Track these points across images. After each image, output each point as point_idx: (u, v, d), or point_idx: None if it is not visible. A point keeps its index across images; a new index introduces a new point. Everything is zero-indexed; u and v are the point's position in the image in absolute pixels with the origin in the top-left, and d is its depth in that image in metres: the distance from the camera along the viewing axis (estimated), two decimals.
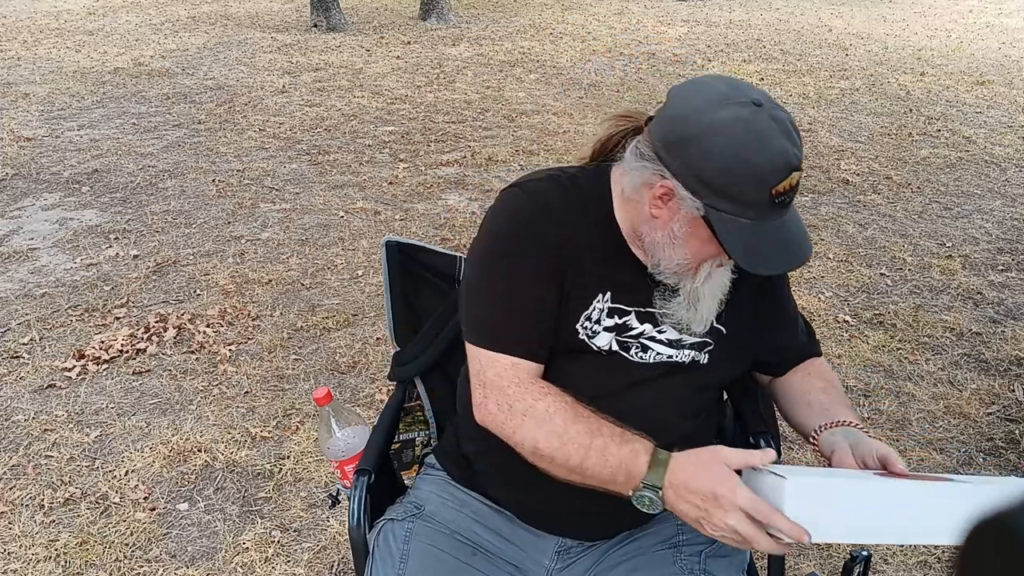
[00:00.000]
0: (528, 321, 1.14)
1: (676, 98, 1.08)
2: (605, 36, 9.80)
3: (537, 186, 1.18)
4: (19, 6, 11.69)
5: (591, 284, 1.16)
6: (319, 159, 5.08)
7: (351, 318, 3.22)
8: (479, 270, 1.18)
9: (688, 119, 1.04)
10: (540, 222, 1.14)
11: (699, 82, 1.09)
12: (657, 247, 1.12)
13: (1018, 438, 2.55)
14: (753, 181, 1.01)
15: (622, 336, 1.17)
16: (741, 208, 1.03)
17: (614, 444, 1.04)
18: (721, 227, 1.04)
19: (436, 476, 1.35)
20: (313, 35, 9.48)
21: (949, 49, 9.45)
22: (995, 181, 4.93)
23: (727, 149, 1.00)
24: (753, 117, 1.01)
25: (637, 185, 1.11)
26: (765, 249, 1.05)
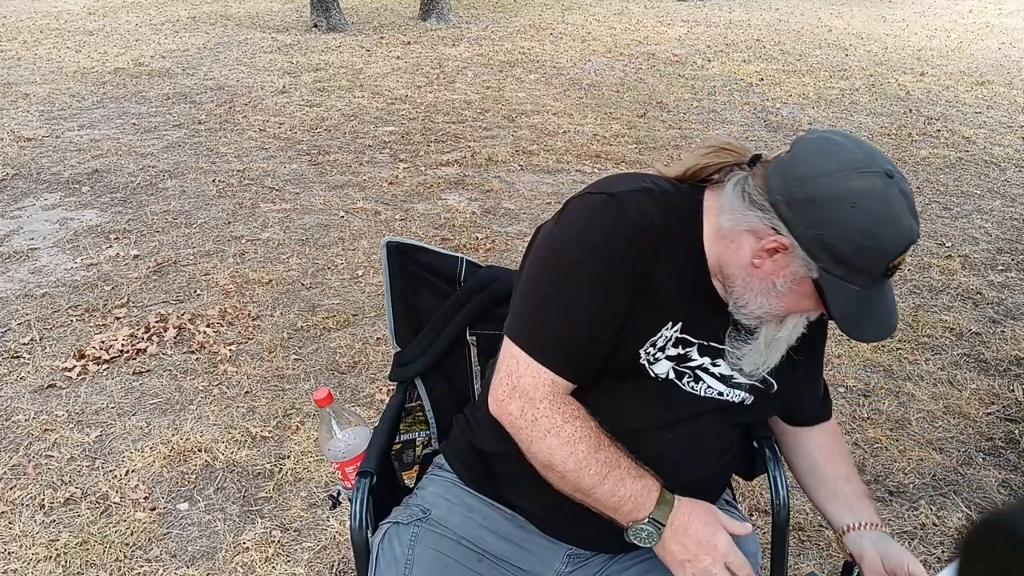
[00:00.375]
0: (585, 347, 1.11)
1: (805, 154, 1.05)
2: (605, 36, 9.81)
3: (633, 200, 1.11)
4: (19, 6, 11.69)
5: (664, 312, 1.13)
6: (319, 159, 5.08)
7: (351, 318, 3.22)
8: (549, 275, 1.13)
9: (820, 181, 1.01)
10: (632, 245, 1.09)
11: (830, 141, 1.06)
12: (749, 292, 1.10)
13: (1018, 438, 2.56)
14: (878, 256, 1.01)
15: (680, 366, 1.16)
16: (854, 275, 1.03)
17: (629, 478, 1.08)
18: (831, 291, 1.04)
19: (444, 478, 1.33)
20: (313, 35, 9.48)
21: (949, 49, 9.45)
22: (995, 181, 4.93)
23: (860, 222, 0.99)
24: (887, 191, 1.01)
25: (740, 229, 1.08)
26: (865, 315, 1.06)
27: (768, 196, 1.05)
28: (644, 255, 1.09)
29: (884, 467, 2.42)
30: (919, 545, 2.13)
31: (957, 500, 2.29)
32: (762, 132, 5.87)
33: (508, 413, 1.12)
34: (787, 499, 1.30)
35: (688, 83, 7.40)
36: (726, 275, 1.12)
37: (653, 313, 1.13)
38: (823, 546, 2.11)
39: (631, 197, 1.11)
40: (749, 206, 1.07)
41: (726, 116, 6.29)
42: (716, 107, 6.56)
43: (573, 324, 1.10)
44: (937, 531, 2.18)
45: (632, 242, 1.09)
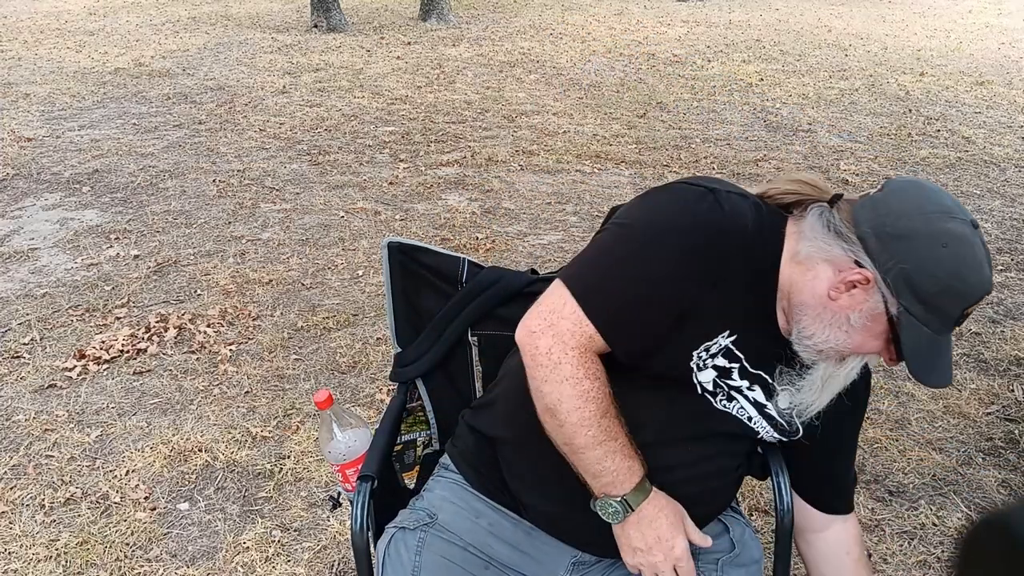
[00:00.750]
0: (636, 323, 1.09)
1: (900, 193, 1.07)
2: (605, 37, 9.81)
3: (732, 202, 1.09)
4: (20, 6, 11.69)
5: (726, 319, 1.12)
6: (319, 159, 5.09)
7: (351, 318, 3.22)
8: (631, 240, 1.10)
9: (915, 218, 1.03)
10: (719, 243, 1.07)
11: (923, 185, 1.08)
12: (818, 324, 1.09)
13: (1017, 438, 2.56)
14: (959, 300, 1.03)
15: (721, 380, 1.15)
16: (930, 317, 1.03)
17: (620, 454, 1.09)
18: (906, 330, 1.04)
19: (451, 479, 1.33)
20: (313, 35, 9.48)
21: (948, 49, 9.46)
22: (994, 181, 4.93)
23: (950, 263, 1.01)
24: (974, 239, 1.03)
25: (818, 258, 1.08)
26: (931, 362, 1.06)
27: (856, 229, 1.06)
28: (727, 257, 1.08)
29: (884, 467, 2.42)
30: (919, 545, 2.13)
31: (957, 500, 2.29)
32: (762, 132, 5.88)
33: (534, 345, 1.09)
34: (791, 504, 1.30)
35: (688, 83, 7.40)
36: (794, 303, 1.11)
37: (716, 316, 1.11)
38: None
39: (729, 198, 1.10)
40: (833, 236, 1.07)
41: (726, 116, 6.29)
42: (716, 107, 6.56)
43: (635, 293, 1.08)
44: (937, 531, 2.18)
45: (720, 240, 1.07)
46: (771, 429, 1.19)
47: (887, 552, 2.11)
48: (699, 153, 5.35)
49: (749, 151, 5.41)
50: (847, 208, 1.09)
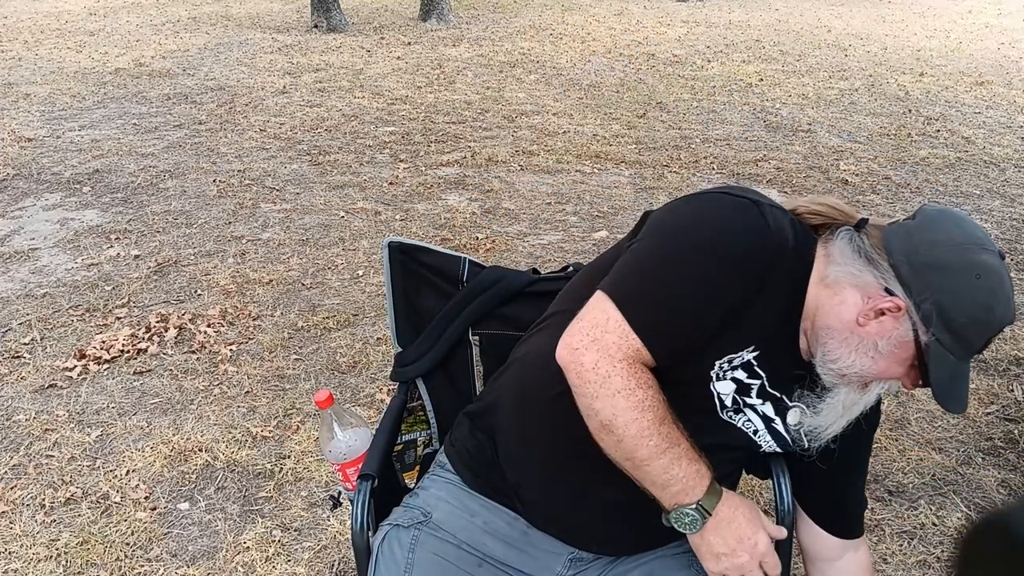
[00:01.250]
0: (682, 333, 1.08)
1: (933, 222, 1.07)
2: (605, 37, 9.81)
3: (775, 216, 1.08)
4: (20, 6, 11.70)
5: (753, 334, 1.11)
6: (320, 159, 5.09)
7: (352, 318, 3.23)
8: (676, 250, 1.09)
9: (949, 249, 1.04)
10: (764, 257, 1.06)
11: (957, 216, 1.09)
12: (844, 348, 1.08)
13: (1017, 438, 2.56)
14: (985, 330, 1.04)
15: (739, 396, 1.15)
16: (955, 345, 1.04)
17: (686, 459, 1.06)
18: (935, 360, 1.05)
19: (446, 479, 1.32)
20: (314, 36, 9.49)
21: (948, 50, 9.46)
22: (994, 181, 4.93)
23: (983, 295, 1.02)
24: (1004, 272, 1.04)
25: (847, 283, 1.07)
26: (952, 388, 1.07)
27: (888, 257, 1.06)
28: (769, 271, 1.07)
29: (884, 467, 2.42)
30: (919, 545, 2.13)
31: (957, 500, 2.30)
32: (762, 132, 5.88)
33: (579, 363, 1.06)
34: (791, 506, 1.29)
35: (688, 83, 7.40)
36: (819, 326, 1.10)
37: (745, 330, 1.10)
38: None
39: (772, 211, 1.09)
40: (864, 262, 1.07)
41: (726, 116, 6.30)
42: (716, 107, 6.56)
43: (681, 305, 1.07)
44: (937, 531, 2.18)
45: (764, 253, 1.06)
46: (774, 443, 1.19)
47: (887, 552, 2.11)
48: (699, 153, 5.35)
49: (749, 151, 5.41)
50: (876, 234, 1.09)
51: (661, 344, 1.07)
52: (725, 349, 1.11)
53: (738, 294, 1.06)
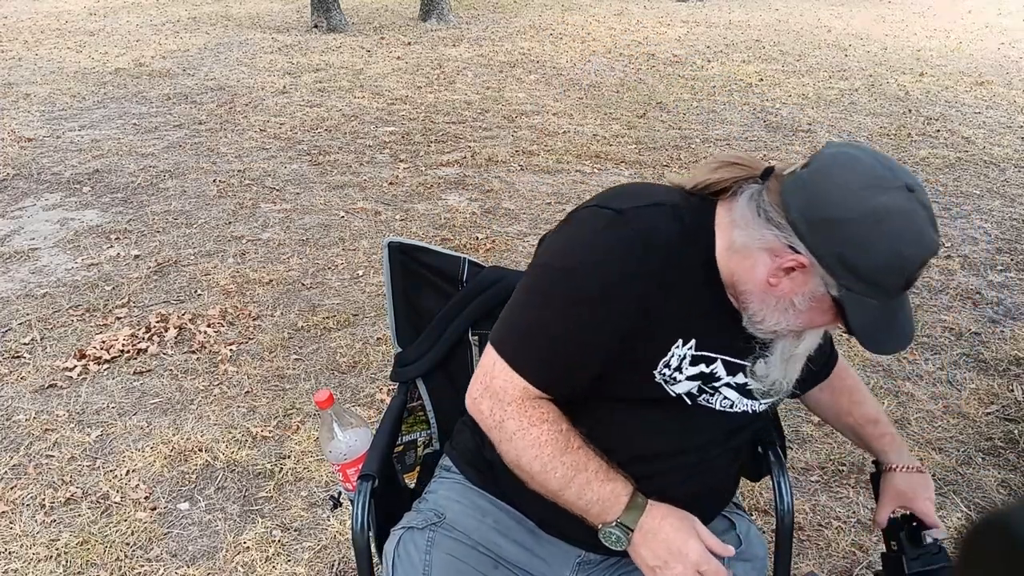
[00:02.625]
0: (563, 368, 1.09)
1: (825, 171, 1.02)
2: (605, 37, 9.81)
3: (640, 217, 1.08)
4: (20, 6, 11.70)
5: (675, 330, 1.10)
6: (320, 159, 5.09)
7: (352, 318, 3.23)
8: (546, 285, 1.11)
9: (842, 200, 0.99)
10: (634, 263, 1.05)
11: (850, 156, 1.02)
12: (766, 309, 1.07)
13: (1017, 438, 2.56)
14: (901, 272, 1.00)
15: (706, 385, 1.14)
16: (875, 291, 1.01)
17: (597, 481, 1.07)
18: (851, 307, 1.02)
19: (454, 479, 1.32)
20: (314, 36, 9.49)
21: (948, 50, 9.46)
22: (994, 181, 4.93)
23: (885, 242, 0.98)
24: (910, 207, 0.98)
25: (754, 246, 1.06)
26: (885, 329, 1.04)
27: (786, 214, 1.02)
28: (650, 274, 1.06)
29: None
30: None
31: (957, 500, 2.30)
32: (762, 132, 5.88)
33: (479, 411, 1.13)
34: (791, 504, 1.30)
35: (688, 83, 7.40)
36: (739, 291, 1.09)
37: (662, 332, 1.10)
38: (823, 546, 2.12)
39: (639, 213, 1.08)
40: (765, 223, 1.04)
41: (726, 116, 6.30)
42: (716, 107, 6.56)
43: (555, 340, 1.08)
44: None
45: (637, 262, 1.05)
46: (755, 403, 1.19)
47: None
48: (699, 153, 5.35)
49: (749, 151, 5.41)
50: (776, 188, 1.05)
51: (544, 380, 1.09)
52: (652, 357, 1.10)
53: (619, 315, 1.06)
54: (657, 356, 1.10)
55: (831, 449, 2.48)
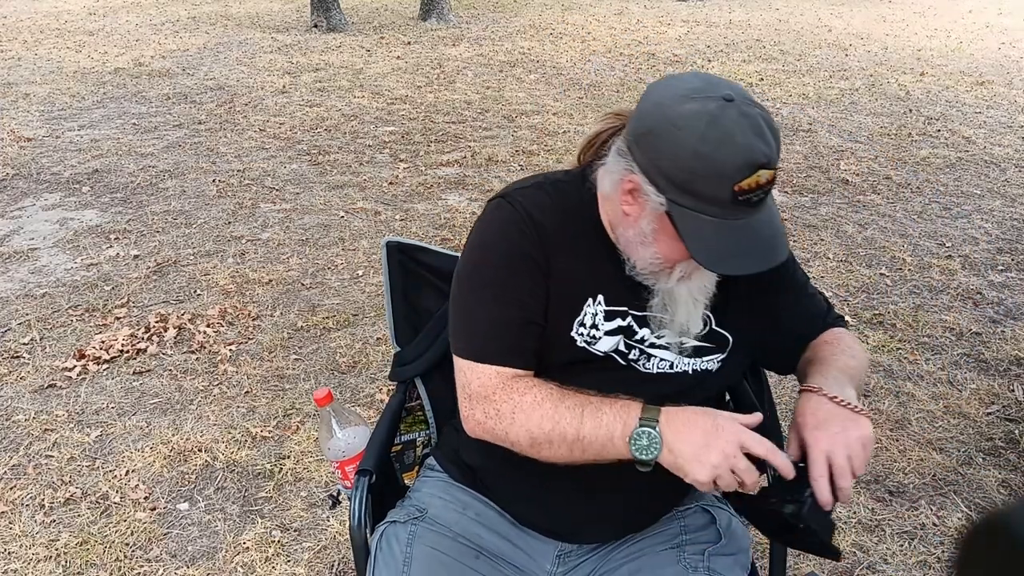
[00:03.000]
0: (512, 333, 1.14)
1: (649, 92, 1.06)
2: (605, 36, 9.81)
3: (523, 196, 1.17)
4: (19, 6, 11.70)
5: (580, 290, 1.15)
6: (319, 159, 5.09)
7: (351, 318, 3.22)
8: (465, 285, 1.18)
9: (654, 113, 1.02)
10: (525, 234, 1.13)
11: (674, 77, 1.07)
12: (631, 245, 1.11)
13: (1018, 438, 2.56)
14: (715, 178, 0.98)
15: (631, 340, 1.16)
16: (704, 205, 1.00)
17: (605, 404, 1.07)
18: (683, 223, 1.02)
19: (436, 477, 1.34)
20: (313, 35, 9.48)
21: (949, 49, 9.45)
22: (995, 181, 4.93)
23: (687, 144, 0.98)
24: (720, 112, 0.98)
25: (614, 181, 1.10)
26: (729, 248, 1.02)
27: (626, 140, 1.07)
28: (542, 242, 1.13)
29: (884, 467, 2.42)
30: (919, 545, 2.13)
31: (957, 500, 2.29)
32: None
33: (478, 423, 1.14)
34: None
35: None
36: (617, 237, 1.14)
37: (571, 293, 1.15)
38: None
39: (520, 193, 1.18)
40: (617, 159, 1.09)
41: None
42: None
43: (492, 317, 1.14)
44: (937, 531, 2.18)
45: (525, 233, 1.14)
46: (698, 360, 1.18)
47: (887, 552, 2.10)
48: None
49: None
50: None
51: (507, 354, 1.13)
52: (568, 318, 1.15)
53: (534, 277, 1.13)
54: (572, 316, 1.15)
55: None
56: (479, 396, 1.13)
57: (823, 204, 4.50)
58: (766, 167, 0.99)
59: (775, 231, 1.05)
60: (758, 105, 1.01)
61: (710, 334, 1.18)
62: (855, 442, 1.04)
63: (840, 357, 1.19)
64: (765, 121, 1.00)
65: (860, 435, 1.05)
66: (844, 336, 1.25)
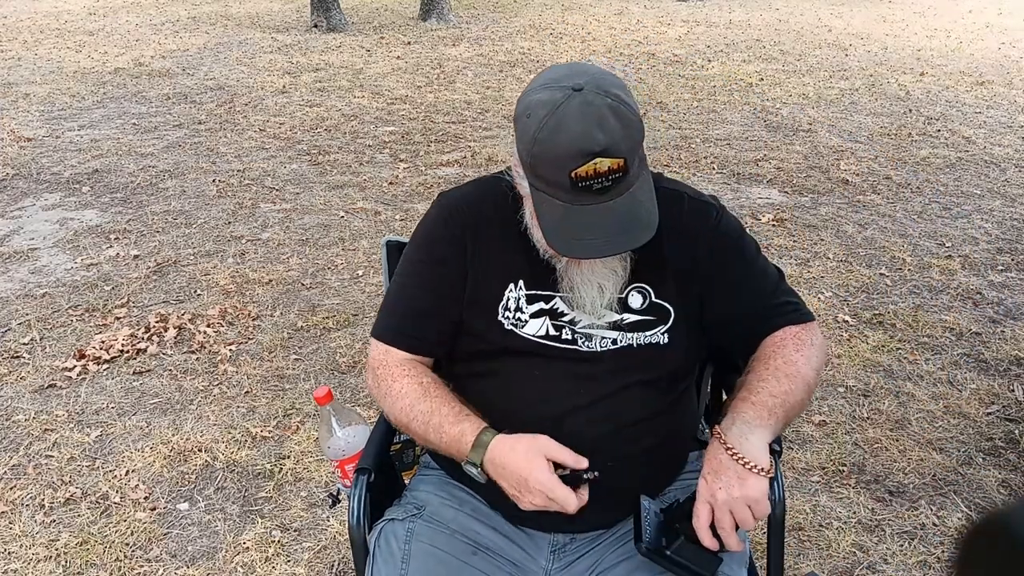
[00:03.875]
0: (409, 320, 1.25)
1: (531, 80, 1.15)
2: (605, 36, 9.81)
3: (456, 192, 1.28)
4: (20, 6, 11.70)
5: (500, 276, 1.21)
6: (319, 159, 5.09)
7: (351, 318, 3.22)
8: (401, 270, 1.30)
9: (520, 100, 1.12)
10: (447, 229, 1.23)
11: (553, 66, 1.14)
12: (529, 226, 1.17)
13: (1018, 438, 2.56)
14: (551, 164, 1.05)
15: (557, 320, 1.20)
16: (552, 189, 1.07)
17: (447, 423, 1.16)
18: (539, 205, 1.10)
19: (433, 475, 1.36)
20: (313, 35, 9.48)
21: (949, 49, 9.45)
22: (995, 181, 4.93)
23: (530, 130, 1.06)
24: (563, 101, 1.04)
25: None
26: (576, 231, 1.07)
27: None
28: (463, 235, 1.21)
29: (884, 467, 2.42)
30: (919, 545, 2.13)
31: (957, 500, 2.29)
32: (762, 132, 5.88)
33: (368, 387, 1.29)
34: (782, 495, 1.29)
35: (688, 83, 7.40)
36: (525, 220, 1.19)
37: (492, 279, 1.21)
38: (823, 546, 2.12)
39: (452, 192, 1.29)
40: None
41: (726, 116, 6.29)
42: (716, 107, 6.56)
43: (401, 298, 1.27)
44: (937, 531, 2.18)
45: (447, 227, 1.23)
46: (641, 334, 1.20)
47: (887, 552, 2.10)
48: (699, 153, 5.34)
49: (749, 151, 5.41)
50: None
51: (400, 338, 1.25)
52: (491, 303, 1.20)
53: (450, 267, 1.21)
54: (495, 301, 1.21)
55: (831, 449, 2.48)
56: (370, 366, 1.27)
57: (823, 204, 4.50)
58: (602, 155, 1.03)
59: (631, 218, 1.08)
60: (612, 95, 1.05)
61: (651, 307, 1.21)
62: (737, 502, 1.07)
63: (768, 382, 1.15)
64: (612, 110, 1.04)
65: (745, 495, 1.06)
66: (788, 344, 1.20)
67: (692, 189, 1.29)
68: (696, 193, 1.29)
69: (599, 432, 1.19)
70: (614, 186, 1.05)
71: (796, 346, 1.21)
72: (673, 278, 1.22)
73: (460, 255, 1.21)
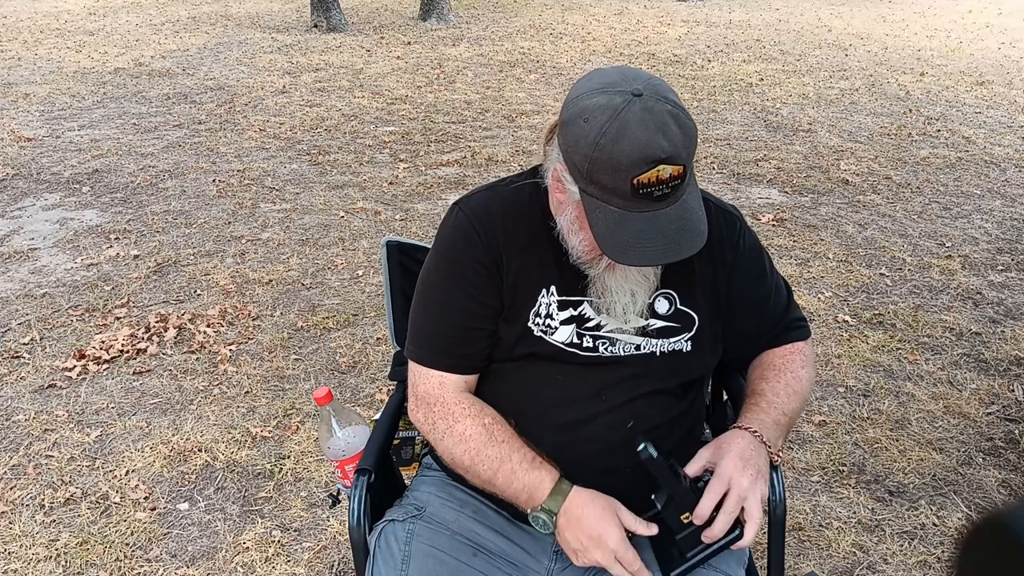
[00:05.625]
0: (454, 341, 1.21)
1: (575, 84, 1.11)
2: (605, 36, 9.81)
3: (474, 201, 1.23)
4: (19, 6, 11.70)
5: (534, 283, 1.19)
6: (319, 159, 5.09)
7: (351, 318, 3.22)
8: (419, 290, 1.26)
9: (570, 105, 1.07)
10: (472, 240, 1.19)
11: (599, 71, 1.11)
12: (564, 232, 1.15)
13: (1018, 438, 2.56)
14: (613, 170, 1.02)
15: (582, 328, 1.19)
16: (608, 195, 1.04)
17: (522, 470, 1.14)
18: (591, 211, 1.07)
19: (434, 476, 1.35)
20: (313, 35, 9.49)
21: (949, 49, 9.45)
22: (995, 181, 4.93)
23: (590, 135, 1.02)
24: (624, 106, 1.02)
25: (548, 170, 1.15)
26: (631, 239, 1.05)
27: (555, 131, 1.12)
28: (490, 245, 1.18)
29: (884, 467, 2.42)
30: (919, 545, 2.13)
31: (957, 500, 2.29)
32: (762, 132, 5.87)
33: (417, 421, 1.24)
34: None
35: (688, 83, 7.40)
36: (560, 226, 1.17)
37: (526, 288, 1.19)
38: (823, 546, 2.12)
39: (471, 198, 1.24)
40: (552, 149, 1.14)
41: (726, 116, 6.29)
42: (716, 107, 6.56)
43: (442, 322, 1.21)
44: (937, 531, 2.18)
45: (472, 239, 1.19)
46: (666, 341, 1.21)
47: (887, 552, 2.10)
48: (699, 153, 5.34)
49: (749, 151, 5.41)
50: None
51: (451, 362, 1.21)
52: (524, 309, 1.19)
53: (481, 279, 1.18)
54: (528, 306, 1.19)
55: (831, 449, 2.48)
56: (423, 400, 1.23)
57: (823, 204, 4.50)
58: (666, 162, 1.01)
59: (685, 226, 1.07)
60: (671, 102, 1.04)
61: (676, 314, 1.22)
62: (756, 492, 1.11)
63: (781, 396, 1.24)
64: (673, 117, 1.02)
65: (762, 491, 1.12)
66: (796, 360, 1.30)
67: (712, 195, 1.30)
68: (717, 200, 1.30)
69: (616, 437, 1.19)
70: (672, 193, 1.04)
71: (803, 362, 1.30)
72: (699, 285, 1.23)
73: (491, 269, 1.18)
